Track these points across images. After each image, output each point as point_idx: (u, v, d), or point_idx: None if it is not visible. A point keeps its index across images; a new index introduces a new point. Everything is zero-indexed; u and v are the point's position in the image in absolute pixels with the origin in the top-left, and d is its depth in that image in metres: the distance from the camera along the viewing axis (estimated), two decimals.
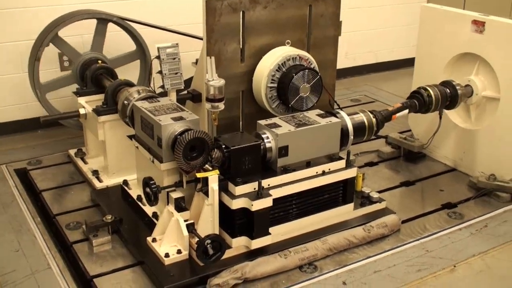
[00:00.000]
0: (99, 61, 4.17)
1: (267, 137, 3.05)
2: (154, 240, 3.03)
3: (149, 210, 3.30)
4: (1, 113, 4.66)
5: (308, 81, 3.41)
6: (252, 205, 2.89)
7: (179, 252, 2.93)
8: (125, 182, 3.63)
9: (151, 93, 3.52)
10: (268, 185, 2.99)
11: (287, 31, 3.57)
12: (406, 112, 3.64)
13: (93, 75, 4.03)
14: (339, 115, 3.32)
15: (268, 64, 3.42)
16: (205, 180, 2.86)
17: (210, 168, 2.91)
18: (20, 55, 4.50)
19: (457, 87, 3.78)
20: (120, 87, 3.67)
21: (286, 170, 3.07)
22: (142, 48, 4.47)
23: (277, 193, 3.00)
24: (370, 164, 4.25)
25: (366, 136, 3.44)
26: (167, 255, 2.92)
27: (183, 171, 2.98)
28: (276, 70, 3.41)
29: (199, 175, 2.88)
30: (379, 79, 6.31)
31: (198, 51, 3.77)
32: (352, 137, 3.32)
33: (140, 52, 4.51)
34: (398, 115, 3.57)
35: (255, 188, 2.93)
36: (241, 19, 3.41)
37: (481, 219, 3.50)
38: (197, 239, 2.84)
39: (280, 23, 3.53)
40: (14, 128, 4.71)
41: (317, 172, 3.15)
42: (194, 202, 3.01)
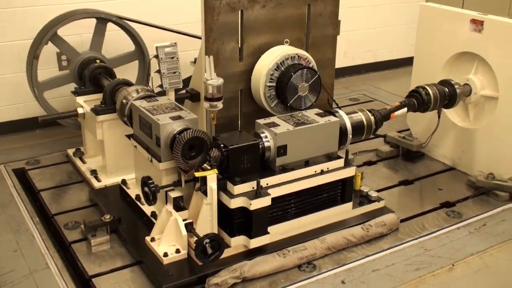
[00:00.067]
0: (98, 61, 4.17)
1: (266, 136, 3.05)
2: (153, 239, 3.03)
3: (147, 209, 3.29)
4: None
5: (307, 80, 3.40)
6: (251, 204, 2.89)
7: (177, 251, 2.93)
8: (124, 181, 3.62)
9: (150, 92, 3.52)
10: (267, 184, 2.99)
11: (285, 30, 3.57)
12: (405, 110, 3.64)
13: (92, 75, 4.03)
14: (338, 114, 3.32)
15: (267, 63, 3.41)
16: (204, 180, 2.86)
17: (209, 167, 2.91)
18: (18, 55, 4.49)
19: (456, 86, 3.79)
20: (119, 86, 3.67)
21: (284, 169, 3.06)
22: (141, 48, 4.47)
23: (275, 192, 3.00)
24: (369, 163, 4.25)
25: (365, 135, 3.44)
26: (165, 255, 2.91)
27: (181, 171, 2.97)
28: (275, 69, 3.40)
29: (197, 174, 2.88)
30: (378, 78, 6.31)
31: (197, 50, 3.77)
32: (351, 136, 3.32)
33: (139, 52, 4.51)
34: (397, 113, 3.57)
35: (253, 187, 2.93)
36: (239, 18, 3.41)
37: (479, 218, 3.50)
38: (195, 238, 2.83)
39: (278, 22, 3.53)
40: (12, 127, 4.70)
41: (315, 171, 3.15)
42: (192, 201, 3.01)
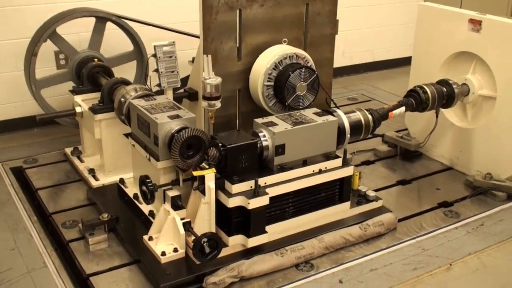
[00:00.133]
0: (96, 59, 4.16)
1: (264, 136, 3.05)
2: (151, 238, 3.03)
3: (145, 208, 3.29)
4: None
5: (305, 79, 3.40)
6: (249, 203, 2.89)
7: (175, 250, 2.93)
8: (122, 180, 3.61)
9: (148, 91, 3.51)
10: (265, 183, 2.99)
11: (284, 30, 3.56)
12: (403, 110, 3.64)
13: (90, 73, 4.02)
14: (336, 113, 3.32)
15: (265, 63, 3.41)
16: (202, 179, 2.86)
17: (207, 167, 2.91)
18: (16, 53, 4.48)
19: (454, 86, 3.79)
20: (117, 85, 3.67)
21: (282, 168, 3.06)
22: (139, 48, 4.46)
23: (273, 192, 3.00)
24: (367, 162, 4.26)
25: (363, 134, 3.44)
26: (163, 254, 2.91)
27: (179, 169, 2.97)
28: (273, 69, 3.40)
29: (195, 173, 2.87)
30: (376, 78, 6.31)
31: (195, 50, 3.77)
32: (349, 135, 3.32)
33: (137, 52, 4.50)
34: (395, 112, 3.58)
35: (251, 187, 2.93)
36: (237, 17, 3.40)
37: (477, 218, 3.51)
38: (193, 237, 2.83)
39: (276, 21, 3.53)
40: (10, 126, 4.70)
41: (313, 171, 3.15)
42: (190, 200, 3.01)
